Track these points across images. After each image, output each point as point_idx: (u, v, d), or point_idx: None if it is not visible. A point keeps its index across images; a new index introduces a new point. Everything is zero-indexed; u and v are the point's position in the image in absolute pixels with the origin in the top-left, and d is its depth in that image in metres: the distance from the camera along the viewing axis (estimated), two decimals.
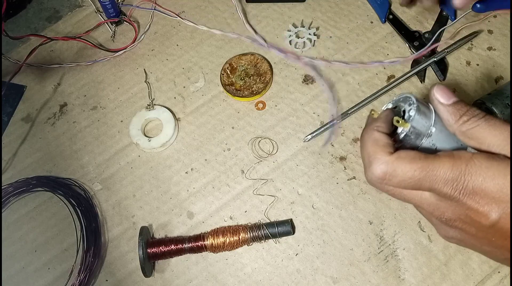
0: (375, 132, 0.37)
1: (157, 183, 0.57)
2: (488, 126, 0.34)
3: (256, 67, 0.62)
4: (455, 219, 0.35)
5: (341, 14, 0.65)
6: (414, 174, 0.34)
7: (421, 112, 0.37)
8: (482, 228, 0.34)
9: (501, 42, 0.60)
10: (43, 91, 0.65)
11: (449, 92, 0.37)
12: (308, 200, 0.54)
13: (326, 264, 0.51)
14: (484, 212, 0.33)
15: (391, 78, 0.60)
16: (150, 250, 0.50)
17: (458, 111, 0.36)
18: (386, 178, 0.35)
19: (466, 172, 0.33)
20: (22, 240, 0.56)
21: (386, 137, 0.37)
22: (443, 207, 0.36)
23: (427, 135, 0.37)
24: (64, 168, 0.59)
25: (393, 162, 0.34)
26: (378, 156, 0.35)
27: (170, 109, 0.61)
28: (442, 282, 0.49)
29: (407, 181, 0.34)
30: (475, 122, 0.35)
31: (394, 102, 0.41)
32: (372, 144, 0.36)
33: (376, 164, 0.35)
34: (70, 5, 0.73)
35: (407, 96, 0.39)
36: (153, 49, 0.67)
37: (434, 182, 0.34)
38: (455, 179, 0.33)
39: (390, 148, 0.36)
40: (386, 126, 0.37)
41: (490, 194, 0.32)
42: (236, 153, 0.58)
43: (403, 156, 0.35)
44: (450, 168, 0.33)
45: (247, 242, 0.51)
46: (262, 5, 0.67)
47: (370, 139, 0.37)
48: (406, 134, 0.37)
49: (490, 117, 0.35)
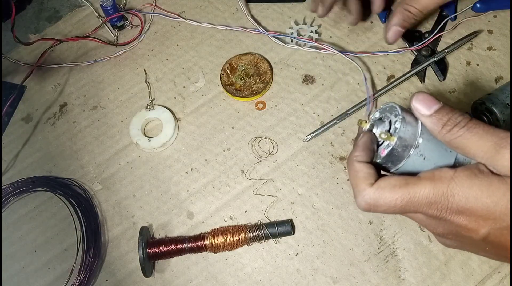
0: (355, 164, 0.36)
1: (157, 183, 0.57)
2: (471, 136, 0.33)
3: (256, 67, 0.62)
4: (448, 233, 0.36)
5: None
6: (396, 203, 0.34)
7: (407, 123, 0.36)
8: (474, 241, 0.34)
9: (501, 42, 0.60)
10: (43, 91, 0.65)
11: (430, 99, 0.35)
12: (308, 200, 0.54)
13: (326, 264, 0.51)
14: (473, 228, 0.33)
15: (391, 78, 0.60)
16: (150, 250, 0.50)
17: (440, 120, 0.34)
18: (371, 209, 0.35)
19: (448, 193, 0.33)
20: (22, 240, 0.56)
21: (366, 166, 0.36)
22: (434, 224, 0.36)
23: (415, 146, 0.36)
24: (64, 168, 0.59)
25: (374, 194, 0.34)
26: (359, 189, 0.35)
27: (170, 109, 0.61)
28: (442, 282, 0.49)
29: (391, 209, 0.35)
30: (457, 132, 0.34)
31: (381, 110, 0.40)
32: (354, 177, 0.36)
33: (359, 198, 0.35)
34: (70, 5, 0.73)
35: (392, 105, 0.38)
36: (153, 49, 0.67)
37: (418, 207, 0.34)
38: (438, 201, 0.33)
39: (371, 178, 0.35)
40: (365, 153, 0.37)
41: (475, 213, 0.32)
42: (236, 153, 0.58)
43: (383, 186, 0.34)
44: (431, 191, 0.33)
45: (247, 242, 0.51)
46: (262, 5, 0.67)
47: (351, 170, 0.37)
48: (393, 148, 0.36)
49: (473, 125, 0.34)
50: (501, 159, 0.32)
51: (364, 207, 0.35)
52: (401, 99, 0.58)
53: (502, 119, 0.50)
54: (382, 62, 0.61)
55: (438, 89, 0.58)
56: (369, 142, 0.37)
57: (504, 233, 0.32)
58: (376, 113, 0.40)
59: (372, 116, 0.40)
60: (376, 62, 0.61)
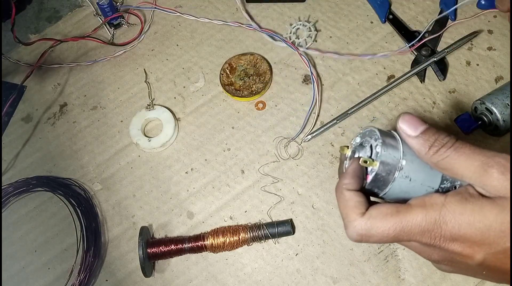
0: (344, 192, 0.35)
1: (157, 183, 0.57)
2: (458, 157, 0.33)
3: (256, 67, 0.62)
4: (443, 260, 0.35)
5: (341, 14, 0.65)
6: (389, 233, 0.33)
7: (388, 146, 0.35)
8: (470, 266, 0.34)
9: (501, 42, 0.60)
10: (43, 91, 0.65)
11: (416, 120, 0.35)
12: (308, 200, 0.54)
13: (326, 264, 0.51)
14: (468, 254, 0.32)
15: (391, 78, 0.60)
16: (150, 250, 0.50)
17: (426, 141, 0.34)
18: (363, 239, 0.34)
19: (440, 221, 0.32)
20: (22, 240, 0.56)
21: (356, 195, 0.35)
22: (428, 251, 0.35)
23: (399, 168, 0.35)
24: (64, 168, 0.60)
25: (365, 224, 0.34)
26: (350, 220, 0.34)
27: (170, 109, 0.61)
28: (442, 282, 0.49)
29: (384, 239, 0.34)
30: (444, 152, 0.33)
31: (361, 135, 0.39)
32: (344, 206, 0.35)
33: (350, 228, 0.34)
34: (70, 5, 0.73)
35: (371, 129, 0.37)
36: (153, 49, 0.67)
37: (411, 235, 0.33)
38: (431, 229, 0.32)
39: (362, 207, 0.34)
40: (355, 181, 0.36)
41: (469, 239, 0.32)
42: (236, 153, 0.58)
43: (374, 215, 0.34)
44: (423, 219, 0.32)
45: (247, 242, 0.51)
46: (262, 5, 0.67)
47: (342, 199, 0.35)
48: (377, 173, 0.35)
49: (460, 145, 0.33)
50: (489, 179, 0.31)
51: (356, 238, 0.34)
52: (401, 99, 0.58)
53: (502, 119, 0.50)
54: (382, 62, 0.61)
55: (438, 89, 0.58)
56: (358, 169, 0.36)
57: (500, 257, 0.32)
58: (357, 138, 0.39)
59: (354, 141, 0.39)
60: (376, 62, 0.61)
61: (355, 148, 0.39)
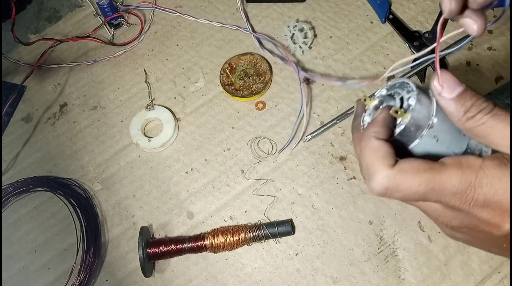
0: (373, 140, 0.32)
1: (157, 183, 0.57)
2: (495, 124, 0.30)
3: (256, 67, 0.62)
4: (463, 227, 0.33)
5: (341, 14, 0.65)
6: (419, 189, 0.31)
7: (422, 100, 0.33)
8: (493, 237, 0.32)
9: (501, 42, 0.60)
10: (43, 91, 0.65)
11: (454, 81, 0.32)
12: (308, 200, 0.54)
13: (326, 264, 0.51)
14: (495, 223, 0.31)
15: (391, 78, 0.60)
16: (150, 250, 0.50)
17: (462, 105, 0.31)
18: (388, 193, 0.32)
19: (476, 184, 0.30)
20: (22, 240, 0.56)
21: (386, 145, 0.32)
22: (450, 216, 0.33)
23: (428, 126, 0.33)
24: (64, 168, 0.59)
25: (395, 177, 0.31)
26: (377, 170, 0.31)
27: (170, 109, 0.61)
28: (442, 282, 0.49)
29: (412, 196, 0.31)
30: (481, 118, 0.31)
31: (389, 87, 0.36)
32: (371, 155, 0.32)
33: (376, 179, 0.31)
34: (70, 5, 0.73)
35: (404, 82, 0.35)
36: (153, 49, 0.67)
37: (441, 196, 0.31)
38: (464, 191, 0.30)
39: (391, 158, 0.32)
40: (384, 131, 0.33)
41: (502, 206, 0.30)
42: (236, 153, 0.58)
43: (406, 168, 0.31)
44: (458, 180, 0.30)
45: (247, 242, 0.51)
46: (262, 5, 0.67)
47: (369, 148, 0.32)
48: (406, 126, 0.33)
49: (499, 112, 0.31)
50: None
51: (380, 191, 0.31)
52: None
53: None
54: (382, 62, 0.61)
55: None
56: (389, 119, 0.33)
57: None
58: (383, 90, 0.37)
59: (378, 93, 0.37)
60: (376, 62, 0.61)
61: (383, 99, 0.36)
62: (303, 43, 0.62)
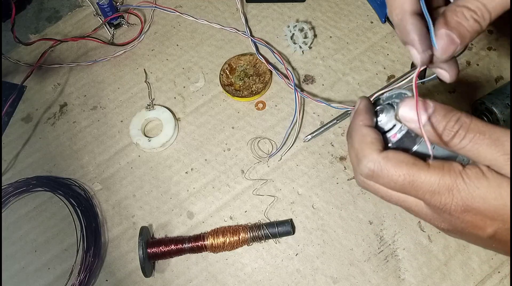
0: (362, 128, 0.34)
1: (157, 183, 0.57)
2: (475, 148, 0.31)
3: (255, 67, 0.62)
4: (452, 229, 0.34)
5: (341, 14, 0.65)
6: (398, 180, 0.32)
7: None
8: (481, 238, 0.33)
9: (501, 42, 0.60)
10: (43, 91, 0.65)
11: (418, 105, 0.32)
12: (308, 200, 0.54)
13: (326, 264, 0.51)
14: (479, 226, 0.32)
15: (391, 78, 0.60)
16: (150, 250, 0.50)
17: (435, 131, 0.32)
18: (374, 176, 0.33)
19: (453, 188, 0.31)
20: (22, 240, 0.56)
21: (373, 131, 0.34)
22: (438, 219, 0.34)
23: None
24: (64, 168, 0.59)
25: (380, 162, 0.32)
26: (366, 153, 0.33)
27: (170, 109, 0.61)
28: (442, 282, 0.49)
29: (391, 184, 0.33)
30: (458, 143, 0.31)
31: (385, 98, 0.38)
32: (361, 141, 0.34)
33: (363, 162, 0.33)
34: (70, 5, 0.73)
35: (400, 92, 0.36)
36: (153, 49, 0.67)
37: (419, 192, 0.32)
38: (442, 193, 0.32)
39: (379, 144, 0.33)
40: (369, 117, 0.35)
41: (482, 212, 0.31)
42: (236, 153, 0.58)
43: (390, 156, 0.33)
44: (437, 181, 0.31)
45: (247, 242, 0.51)
46: (262, 5, 0.67)
47: (357, 135, 0.34)
48: (408, 131, 0.34)
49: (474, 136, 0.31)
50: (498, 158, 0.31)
51: (367, 173, 0.33)
52: None
53: (502, 119, 0.50)
54: (382, 62, 0.61)
55: (438, 89, 0.58)
56: (370, 106, 0.35)
57: None
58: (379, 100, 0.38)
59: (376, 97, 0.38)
60: (376, 62, 0.61)
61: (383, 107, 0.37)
62: (303, 43, 0.62)
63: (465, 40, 0.33)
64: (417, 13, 0.33)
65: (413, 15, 0.33)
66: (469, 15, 0.32)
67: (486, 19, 0.32)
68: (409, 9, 0.33)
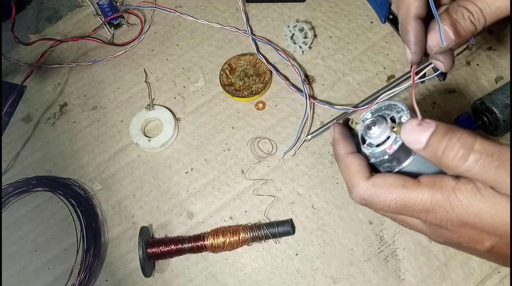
0: (343, 157, 0.34)
1: (157, 183, 0.57)
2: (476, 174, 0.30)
3: (255, 67, 0.62)
4: (449, 243, 0.34)
5: (341, 14, 0.65)
6: (390, 205, 0.32)
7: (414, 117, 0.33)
8: (479, 251, 0.33)
9: (501, 42, 0.60)
10: (43, 91, 0.65)
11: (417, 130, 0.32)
12: (308, 200, 0.54)
13: (326, 264, 0.51)
14: (476, 239, 0.32)
15: (391, 78, 0.60)
16: (150, 250, 0.50)
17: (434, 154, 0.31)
18: (367, 203, 0.34)
19: (447, 206, 0.31)
20: (22, 240, 0.56)
21: (355, 158, 0.34)
22: (436, 234, 0.34)
23: None
24: (64, 168, 0.59)
25: (369, 189, 0.33)
26: (353, 184, 0.33)
27: (170, 109, 0.61)
28: (442, 282, 0.49)
29: (385, 208, 0.33)
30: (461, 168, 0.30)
31: (374, 111, 0.37)
32: (346, 171, 0.34)
33: (353, 192, 0.33)
34: (70, 5, 0.73)
35: (391, 103, 0.36)
36: (153, 49, 0.67)
37: (414, 212, 0.32)
38: (436, 211, 0.31)
39: (365, 170, 0.33)
40: (347, 143, 0.35)
41: (478, 228, 0.31)
42: (236, 153, 0.58)
43: (378, 183, 0.33)
44: (429, 199, 0.31)
45: (247, 242, 0.51)
46: (262, 5, 0.67)
47: (342, 165, 0.35)
48: (403, 143, 0.33)
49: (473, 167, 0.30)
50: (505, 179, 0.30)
51: (360, 202, 0.34)
52: (401, 99, 0.58)
53: (502, 119, 0.50)
54: (382, 62, 0.61)
55: (438, 89, 0.58)
56: (344, 131, 0.36)
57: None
58: (367, 113, 0.38)
59: (362, 117, 0.38)
60: (376, 62, 0.61)
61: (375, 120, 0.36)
62: (303, 43, 0.62)
63: (460, 37, 0.35)
64: (420, 17, 0.35)
65: (415, 19, 0.35)
66: (467, 16, 0.34)
67: (481, 23, 0.35)
68: (413, 12, 0.35)
